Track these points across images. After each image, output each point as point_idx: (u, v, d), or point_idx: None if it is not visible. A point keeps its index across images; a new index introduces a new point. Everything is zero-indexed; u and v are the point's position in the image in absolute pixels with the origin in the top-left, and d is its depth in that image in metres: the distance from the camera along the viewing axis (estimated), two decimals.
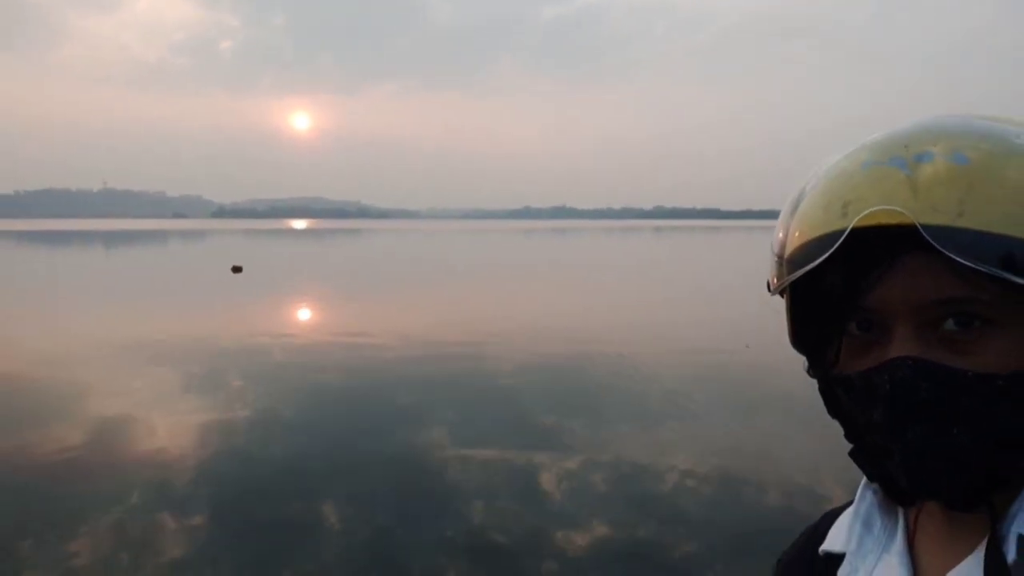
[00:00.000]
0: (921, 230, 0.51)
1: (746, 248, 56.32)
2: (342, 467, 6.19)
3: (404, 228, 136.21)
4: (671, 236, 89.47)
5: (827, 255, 0.56)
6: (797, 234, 0.60)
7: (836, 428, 0.66)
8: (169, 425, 7.43)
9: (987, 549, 0.55)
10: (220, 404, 8.22)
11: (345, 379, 9.56)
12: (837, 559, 0.68)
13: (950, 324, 0.54)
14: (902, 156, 0.55)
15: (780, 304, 0.69)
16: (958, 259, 0.51)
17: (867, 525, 0.67)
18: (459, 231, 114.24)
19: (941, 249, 0.51)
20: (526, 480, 5.91)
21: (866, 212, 0.54)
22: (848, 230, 0.55)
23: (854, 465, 0.65)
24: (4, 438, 6.99)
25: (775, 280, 0.64)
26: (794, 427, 7.32)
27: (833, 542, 0.70)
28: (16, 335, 13.34)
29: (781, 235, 0.63)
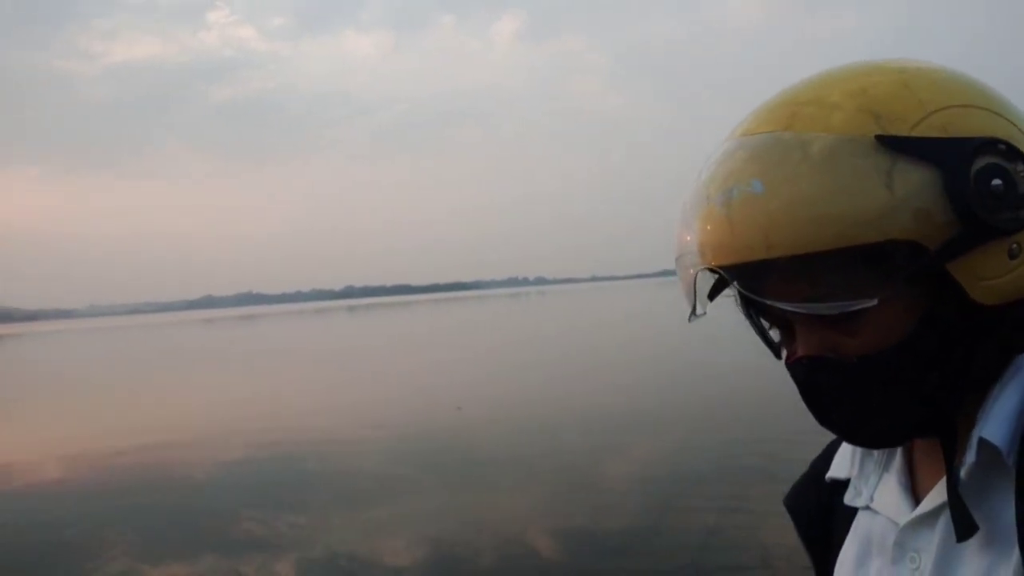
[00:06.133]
0: (737, 287, 0.58)
1: (438, 318, 58.64)
2: None
3: (55, 330, 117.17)
4: (364, 314, 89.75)
5: (692, 311, 0.65)
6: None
7: (557, 487, 0.64)
8: None
9: (946, 458, 0.60)
10: None
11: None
12: (843, 484, 0.72)
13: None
14: (719, 193, 0.58)
15: (483, 365, 0.65)
16: (770, 303, 0.58)
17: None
18: (125, 327, 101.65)
19: (755, 298, 0.58)
20: None
21: (697, 269, 0.61)
22: (694, 280, 0.62)
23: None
24: None
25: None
26: (509, 484, 7.57)
27: (837, 468, 0.73)
28: None
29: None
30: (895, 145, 0.54)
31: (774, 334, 0.68)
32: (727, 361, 16.66)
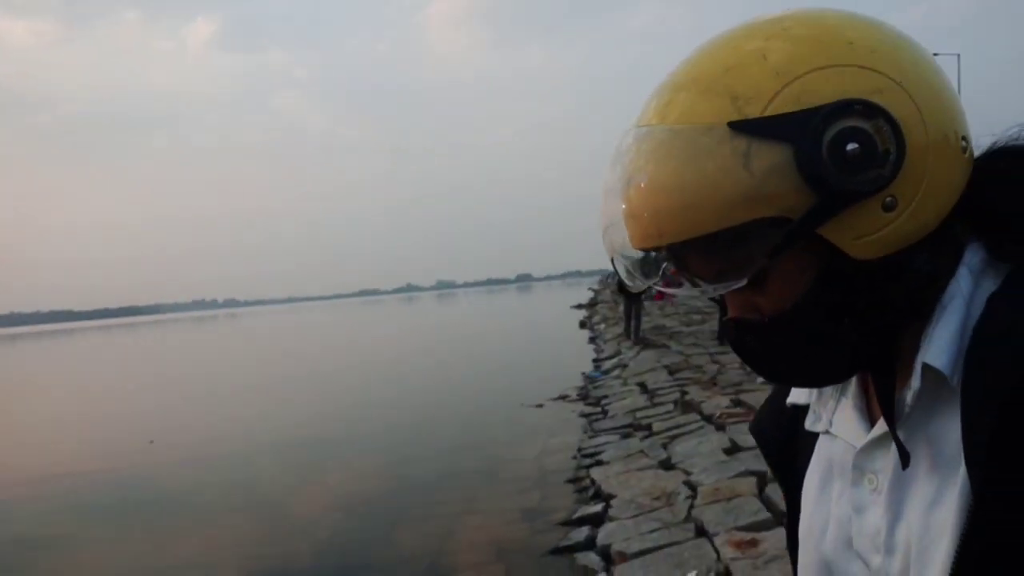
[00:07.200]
0: (647, 281, 0.66)
1: (108, 348, 51.92)
2: None
3: None
4: (12, 345, 75.57)
5: (617, 287, 0.68)
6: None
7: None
8: None
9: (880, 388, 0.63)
10: None
11: None
12: (804, 409, 0.75)
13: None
14: (621, 184, 0.61)
15: (169, 396, 0.63)
16: (661, 290, 0.66)
17: None
18: None
19: (661, 289, 0.67)
20: None
21: (611, 255, 0.66)
22: (613, 264, 0.67)
23: None
24: None
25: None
26: (213, 521, 6.89)
27: (797, 394, 0.75)
28: None
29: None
30: (748, 129, 0.56)
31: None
32: (431, 371, 17.20)
